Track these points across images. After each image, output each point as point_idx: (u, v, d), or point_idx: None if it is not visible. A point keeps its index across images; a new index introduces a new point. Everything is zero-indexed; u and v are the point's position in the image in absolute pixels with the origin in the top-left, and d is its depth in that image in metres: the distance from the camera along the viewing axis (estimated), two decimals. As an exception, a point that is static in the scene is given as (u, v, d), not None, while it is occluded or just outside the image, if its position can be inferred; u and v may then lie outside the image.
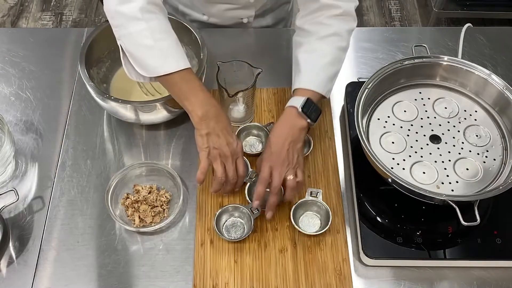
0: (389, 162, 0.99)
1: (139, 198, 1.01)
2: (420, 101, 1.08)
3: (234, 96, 1.02)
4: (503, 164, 1.00)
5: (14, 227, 1.00)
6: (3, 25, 2.57)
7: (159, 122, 1.11)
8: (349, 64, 1.25)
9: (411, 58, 1.07)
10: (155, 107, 1.03)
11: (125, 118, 1.08)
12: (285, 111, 1.00)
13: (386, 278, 0.95)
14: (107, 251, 0.98)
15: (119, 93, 1.13)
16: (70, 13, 2.64)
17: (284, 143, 0.96)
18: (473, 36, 1.29)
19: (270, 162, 0.96)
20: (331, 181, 1.05)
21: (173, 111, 1.08)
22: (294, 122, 0.98)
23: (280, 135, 0.98)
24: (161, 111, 1.05)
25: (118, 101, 1.02)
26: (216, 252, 0.96)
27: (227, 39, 1.29)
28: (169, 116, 1.09)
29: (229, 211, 0.99)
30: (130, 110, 1.04)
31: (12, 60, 1.25)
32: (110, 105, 1.04)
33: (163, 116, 1.08)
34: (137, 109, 1.04)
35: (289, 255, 0.96)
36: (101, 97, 1.03)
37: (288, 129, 0.98)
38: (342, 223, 1.00)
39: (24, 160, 1.09)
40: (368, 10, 2.69)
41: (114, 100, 1.02)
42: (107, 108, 1.08)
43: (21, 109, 1.16)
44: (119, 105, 1.03)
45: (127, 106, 1.03)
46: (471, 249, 0.95)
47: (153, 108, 1.04)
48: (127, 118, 1.08)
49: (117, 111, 1.06)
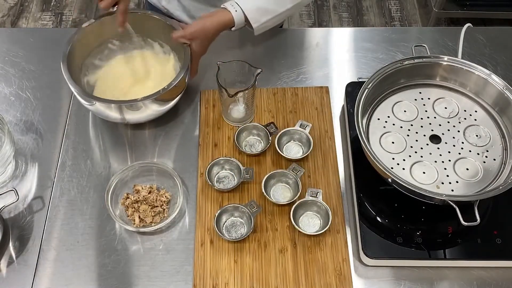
0: (389, 162, 0.99)
1: (139, 198, 1.01)
2: (420, 101, 1.09)
3: (234, 96, 1.02)
4: (503, 164, 1.00)
5: (14, 227, 1.00)
6: (3, 25, 2.57)
7: (144, 121, 1.11)
8: (349, 64, 1.25)
9: (411, 58, 1.07)
10: (139, 106, 1.03)
11: (110, 118, 1.08)
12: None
13: (386, 278, 0.95)
14: (107, 251, 0.98)
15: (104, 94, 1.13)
16: (70, 13, 2.64)
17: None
18: (473, 36, 1.29)
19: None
20: (331, 181, 1.05)
21: (158, 110, 1.08)
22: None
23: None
24: (145, 109, 1.05)
25: (100, 100, 1.02)
26: (216, 252, 0.96)
27: (227, 39, 1.29)
28: (154, 115, 1.09)
29: (229, 211, 0.99)
30: (115, 109, 1.03)
31: (12, 60, 1.25)
32: (95, 106, 1.04)
33: (147, 114, 1.08)
34: (122, 108, 1.03)
35: (289, 255, 0.96)
36: (84, 97, 1.03)
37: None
38: (342, 223, 1.00)
39: (24, 160, 1.09)
40: (368, 10, 2.70)
41: (96, 99, 1.02)
42: (91, 109, 1.07)
43: (21, 109, 1.16)
44: (102, 104, 1.02)
45: (111, 105, 1.02)
46: (471, 249, 0.95)
47: (137, 107, 1.03)
48: (112, 118, 1.08)
49: (100, 111, 1.06)
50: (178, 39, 1.08)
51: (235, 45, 1.29)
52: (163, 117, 1.14)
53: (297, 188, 1.00)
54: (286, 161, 1.07)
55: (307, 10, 2.68)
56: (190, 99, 1.18)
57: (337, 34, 1.35)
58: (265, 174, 1.02)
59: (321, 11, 2.69)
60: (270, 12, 1.12)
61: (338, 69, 1.24)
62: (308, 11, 2.68)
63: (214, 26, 1.07)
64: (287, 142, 1.09)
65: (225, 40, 1.28)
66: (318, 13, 2.67)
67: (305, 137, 1.08)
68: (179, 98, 1.10)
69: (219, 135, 1.11)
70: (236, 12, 1.08)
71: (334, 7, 2.70)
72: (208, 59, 1.14)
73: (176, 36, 1.07)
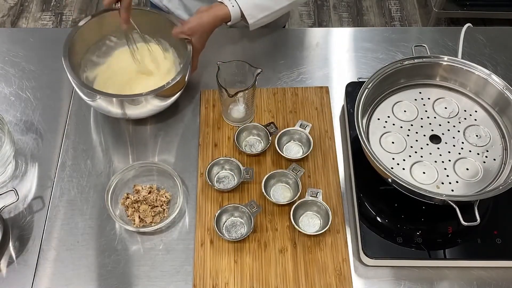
0: (389, 162, 0.99)
1: (139, 198, 1.01)
2: (420, 101, 1.09)
3: (234, 96, 1.02)
4: (503, 164, 1.00)
5: (14, 227, 1.00)
6: (3, 25, 2.57)
7: (144, 116, 1.11)
8: (349, 64, 1.25)
9: (411, 58, 1.07)
10: (140, 101, 1.03)
11: (112, 113, 1.08)
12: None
13: (386, 278, 0.95)
14: (107, 251, 0.98)
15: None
16: (70, 13, 2.64)
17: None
18: (473, 36, 1.29)
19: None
20: (331, 181, 1.05)
21: (159, 106, 1.08)
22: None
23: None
24: (146, 104, 1.05)
25: (103, 94, 1.02)
26: (216, 252, 0.96)
27: (227, 39, 1.29)
28: (155, 110, 1.09)
29: (229, 211, 0.99)
30: (116, 104, 1.03)
31: (12, 60, 1.25)
32: (97, 102, 1.04)
33: (148, 110, 1.08)
34: (123, 103, 1.03)
35: (289, 255, 0.96)
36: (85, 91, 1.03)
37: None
38: (342, 223, 1.00)
39: (24, 160, 1.09)
40: (368, 10, 2.70)
41: (99, 93, 1.02)
42: (93, 105, 1.07)
43: (21, 109, 1.16)
44: (104, 99, 1.02)
45: (113, 100, 1.02)
46: (471, 249, 0.95)
47: (138, 102, 1.03)
48: (113, 114, 1.08)
49: (101, 106, 1.06)
50: (178, 35, 1.08)
51: (235, 45, 1.29)
52: (163, 117, 1.14)
53: (297, 188, 1.00)
54: (286, 161, 1.07)
55: (307, 10, 2.68)
56: (190, 99, 1.18)
57: (337, 34, 1.35)
58: (265, 174, 1.02)
59: (321, 11, 2.69)
60: (266, 9, 1.13)
61: (338, 69, 1.24)
62: (308, 11, 2.68)
63: (211, 20, 1.08)
64: (287, 142, 1.09)
65: (225, 40, 1.29)
66: (318, 13, 2.67)
67: (305, 137, 1.08)
68: (179, 94, 1.10)
69: (219, 135, 1.11)
70: (233, 7, 1.08)
71: (334, 7, 2.70)
72: (208, 59, 1.15)
73: (176, 32, 1.08)
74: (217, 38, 1.25)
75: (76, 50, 1.10)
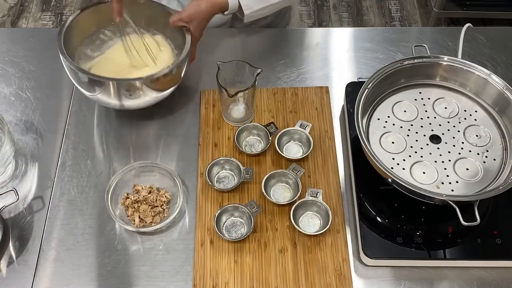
0: (389, 162, 0.99)
1: (139, 198, 1.01)
2: (420, 101, 1.09)
3: (234, 96, 1.02)
4: (503, 164, 1.00)
5: (14, 227, 1.00)
6: (3, 25, 2.57)
7: (142, 107, 1.10)
8: (349, 64, 1.25)
9: (411, 58, 1.07)
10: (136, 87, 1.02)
11: (110, 104, 1.07)
12: None
13: (386, 278, 0.95)
14: (107, 251, 0.98)
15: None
16: (70, 13, 2.63)
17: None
18: (473, 36, 1.29)
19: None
20: (331, 181, 1.05)
21: (157, 97, 1.07)
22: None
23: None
24: (144, 96, 1.04)
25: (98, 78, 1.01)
26: (216, 252, 0.96)
27: (227, 39, 1.29)
28: (153, 101, 1.08)
29: (229, 211, 0.99)
30: (114, 93, 1.03)
31: (12, 60, 1.25)
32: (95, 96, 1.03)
33: (145, 101, 1.07)
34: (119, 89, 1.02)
35: (289, 255, 0.96)
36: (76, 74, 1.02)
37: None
38: (342, 223, 1.00)
39: (24, 160, 1.09)
40: (368, 10, 2.70)
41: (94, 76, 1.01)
42: (92, 98, 1.07)
43: (21, 109, 1.16)
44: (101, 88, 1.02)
45: (110, 90, 1.01)
46: (471, 249, 0.95)
47: (134, 89, 1.03)
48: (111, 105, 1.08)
49: (99, 97, 1.05)
50: (175, 22, 1.08)
51: (235, 45, 1.29)
52: (163, 117, 1.14)
53: (297, 188, 1.00)
54: (286, 161, 1.07)
55: (307, 10, 2.68)
56: (190, 99, 1.18)
57: (337, 34, 1.35)
58: (265, 174, 1.02)
59: (321, 11, 2.69)
60: (263, 1, 1.13)
61: (338, 69, 1.24)
62: (308, 11, 2.68)
63: (209, 7, 1.08)
64: (287, 142, 1.09)
65: (225, 40, 1.29)
66: (318, 13, 2.68)
67: (305, 137, 1.08)
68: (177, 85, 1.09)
69: (219, 135, 1.11)
70: None
71: (334, 7, 2.70)
72: (208, 59, 1.15)
73: (174, 20, 1.08)
74: (217, 38, 1.25)
75: (70, 44, 1.09)
